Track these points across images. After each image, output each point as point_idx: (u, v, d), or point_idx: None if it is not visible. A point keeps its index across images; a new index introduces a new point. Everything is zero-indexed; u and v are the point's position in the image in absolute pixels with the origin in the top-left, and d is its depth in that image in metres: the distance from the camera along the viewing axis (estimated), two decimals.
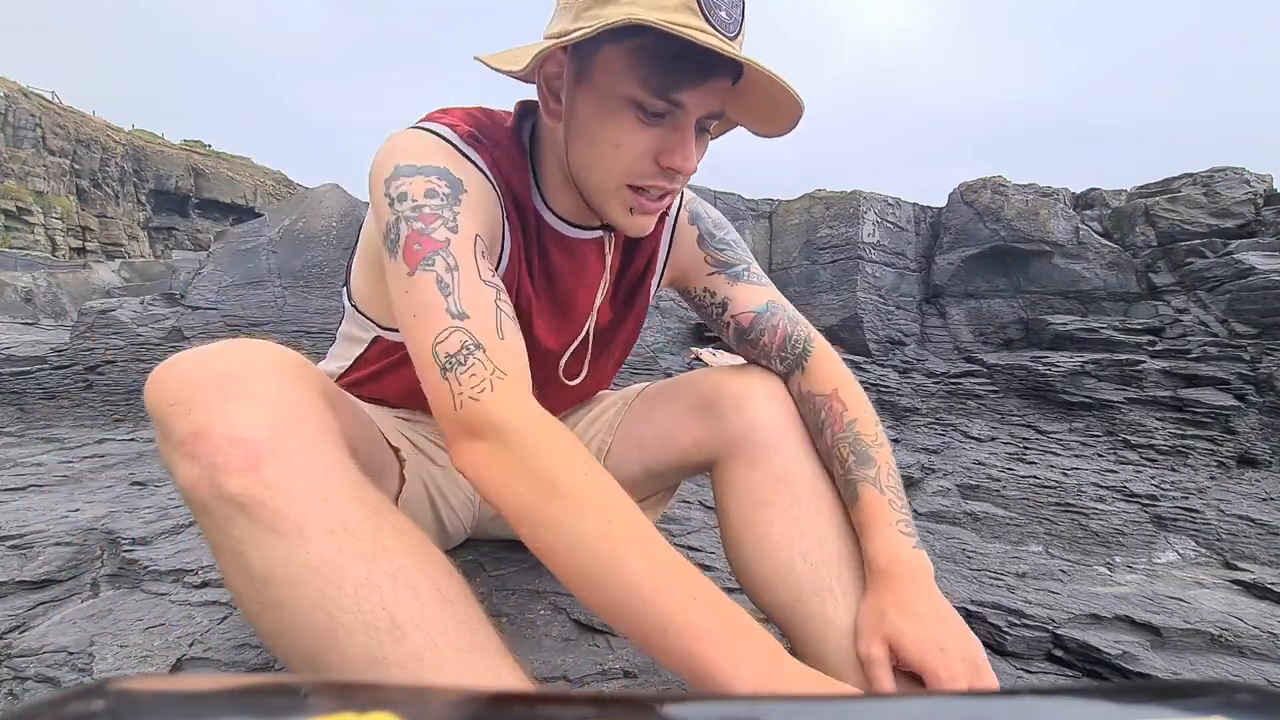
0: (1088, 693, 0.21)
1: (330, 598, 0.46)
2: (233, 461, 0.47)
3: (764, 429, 0.74)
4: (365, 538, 0.49)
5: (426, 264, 0.60)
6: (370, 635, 0.46)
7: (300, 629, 0.47)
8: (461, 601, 0.51)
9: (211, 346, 0.55)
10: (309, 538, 0.47)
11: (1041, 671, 1.10)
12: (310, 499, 0.48)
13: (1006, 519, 1.76)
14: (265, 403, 0.51)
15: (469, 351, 0.58)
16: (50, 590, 1.02)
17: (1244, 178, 4.06)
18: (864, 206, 4.10)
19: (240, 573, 0.49)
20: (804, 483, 0.72)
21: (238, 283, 2.32)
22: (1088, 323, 3.47)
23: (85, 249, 23.11)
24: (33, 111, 24.23)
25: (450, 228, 0.62)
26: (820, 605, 0.66)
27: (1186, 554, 1.68)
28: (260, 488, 0.47)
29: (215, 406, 0.49)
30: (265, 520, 0.47)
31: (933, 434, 2.30)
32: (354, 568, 0.47)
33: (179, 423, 0.49)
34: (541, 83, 0.66)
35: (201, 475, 0.48)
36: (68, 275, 8.86)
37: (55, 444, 1.88)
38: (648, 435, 0.82)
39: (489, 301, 0.61)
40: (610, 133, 0.63)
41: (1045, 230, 4.01)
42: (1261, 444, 2.31)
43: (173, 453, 0.50)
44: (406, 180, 0.63)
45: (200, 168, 30.19)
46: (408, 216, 0.62)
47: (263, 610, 0.49)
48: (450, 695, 0.21)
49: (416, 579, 0.49)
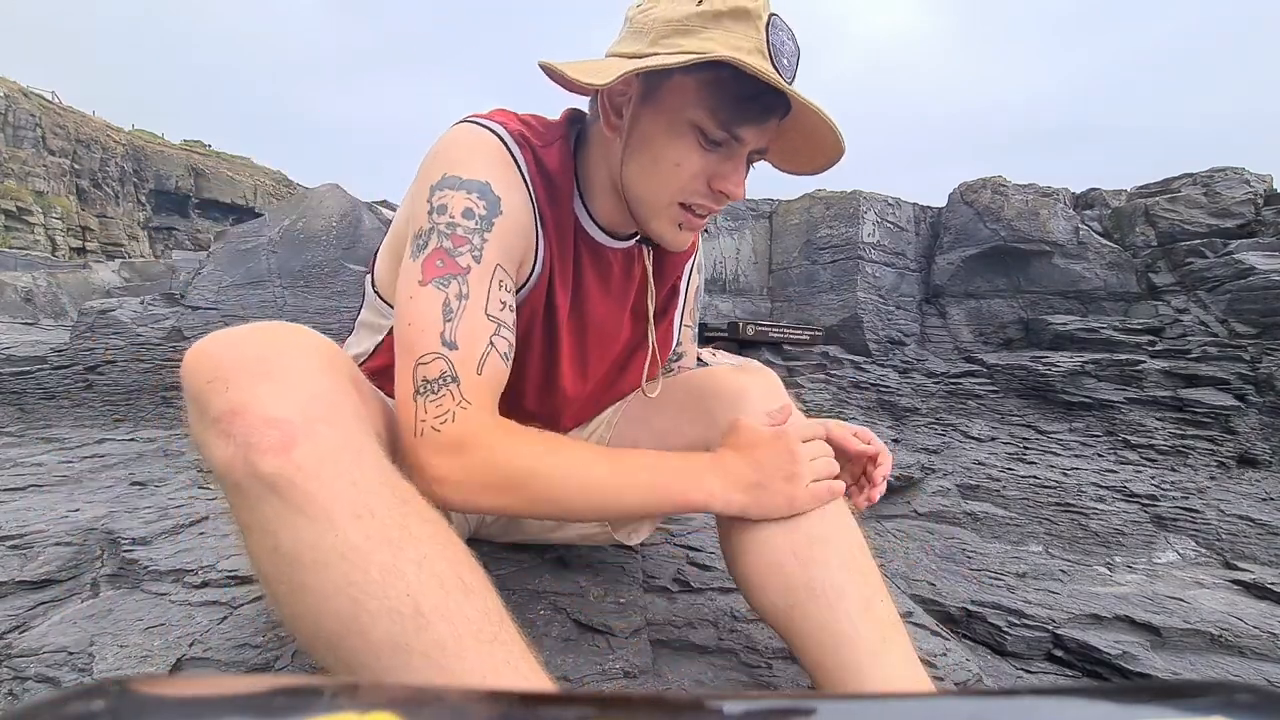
0: (1088, 693, 0.21)
1: (355, 583, 0.47)
2: (267, 441, 0.48)
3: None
4: (392, 524, 0.49)
5: (441, 283, 0.64)
6: (394, 621, 0.46)
7: (324, 613, 0.48)
8: (484, 593, 0.51)
9: (247, 327, 0.55)
10: (336, 522, 0.48)
11: (1041, 671, 1.11)
12: (338, 483, 0.49)
13: (1006, 519, 1.76)
14: (298, 386, 0.51)
15: (444, 383, 0.62)
16: (50, 590, 1.02)
17: (1244, 178, 4.05)
18: (864, 206, 4.10)
19: (269, 553, 0.49)
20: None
21: (238, 283, 2.32)
22: (1088, 323, 3.47)
23: (85, 249, 23.11)
24: (33, 111, 24.24)
25: (475, 256, 0.66)
26: (815, 608, 0.65)
27: (1186, 554, 1.68)
28: (292, 469, 0.48)
29: (251, 386, 0.50)
30: (295, 502, 0.48)
31: (933, 434, 2.30)
32: (380, 553, 0.48)
33: (216, 400, 0.50)
34: (604, 97, 0.70)
35: (237, 453, 0.48)
36: (68, 275, 8.86)
37: (55, 444, 1.88)
38: (643, 437, 0.82)
39: (484, 336, 0.65)
40: (672, 152, 0.68)
41: (1045, 230, 4.01)
42: (1261, 444, 2.32)
43: (207, 429, 0.50)
44: (450, 194, 0.66)
45: (200, 168, 30.19)
46: (441, 231, 0.66)
47: (289, 592, 0.49)
48: (450, 695, 0.21)
49: (441, 567, 0.49)
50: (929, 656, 0.93)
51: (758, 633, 0.91)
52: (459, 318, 0.64)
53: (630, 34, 0.68)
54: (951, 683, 0.89)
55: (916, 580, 1.34)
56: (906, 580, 1.35)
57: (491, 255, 0.67)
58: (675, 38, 0.63)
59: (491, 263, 0.67)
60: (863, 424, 2.30)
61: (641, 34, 0.66)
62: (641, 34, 0.66)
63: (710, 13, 0.63)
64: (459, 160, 0.68)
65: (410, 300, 0.65)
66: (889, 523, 1.66)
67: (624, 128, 0.70)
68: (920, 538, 1.58)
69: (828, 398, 2.27)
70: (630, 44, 0.67)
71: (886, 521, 1.67)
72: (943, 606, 1.25)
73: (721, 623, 0.93)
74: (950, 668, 0.91)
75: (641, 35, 0.66)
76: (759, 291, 4.17)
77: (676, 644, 0.89)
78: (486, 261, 0.66)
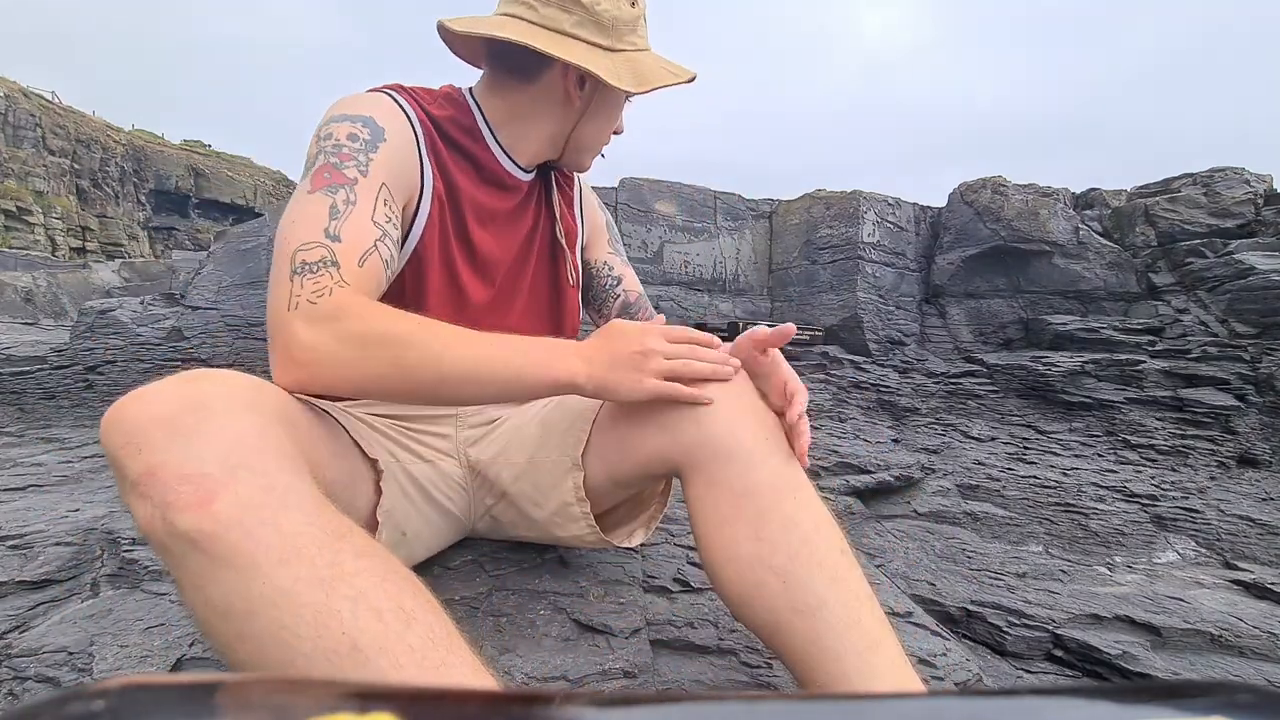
0: (1088, 693, 0.21)
1: (287, 627, 0.47)
2: (183, 498, 0.48)
3: (720, 439, 0.69)
4: (322, 563, 0.49)
5: (329, 190, 0.70)
6: (331, 661, 0.46)
7: (262, 660, 0.48)
8: (428, 618, 0.50)
9: (162, 383, 0.54)
10: (263, 569, 0.47)
11: (1041, 671, 1.11)
12: (262, 530, 0.48)
13: (1006, 519, 1.76)
14: (214, 437, 0.51)
15: (324, 266, 0.66)
16: (50, 590, 1.02)
17: (1244, 178, 4.05)
18: (864, 206, 4.10)
19: (202, 606, 0.49)
20: (766, 492, 0.68)
21: (238, 283, 2.32)
22: (1088, 323, 3.47)
23: (85, 249, 23.10)
24: (33, 111, 24.22)
25: (361, 170, 0.73)
26: (801, 624, 0.64)
27: (1186, 554, 1.68)
28: (211, 523, 0.47)
29: (164, 446, 0.50)
30: (220, 554, 0.47)
31: (933, 434, 2.30)
32: (310, 594, 0.47)
33: (131, 463, 0.50)
34: (571, 75, 0.85)
35: (154, 514, 0.48)
36: (68, 275, 8.85)
37: (55, 444, 1.88)
38: (609, 444, 0.79)
39: (367, 239, 0.70)
40: (614, 115, 0.93)
41: (1045, 230, 4.01)
42: (1261, 444, 2.32)
43: (128, 493, 0.51)
44: (336, 125, 0.75)
45: (200, 168, 30.16)
46: (327, 151, 0.73)
47: (227, 643, 0.49)
48: (450, 695, 0.21)
49: (379, 601, 0.49)
50: (929, 656, 0.93)
51: None
52: (345, 218, 0.69)
53: (587, 22, 0.82)
54: (951, 683, 0.89)
55: (916, 580, 1.34)
56: (906, 580, 1.34)
57: (377, 173, 0.74)
58: (629, 38, 0.85)
59: (377, 180, 0.73)
60: (863, 424, 2.30)
61: (603, 28, 0.83)
62: (603, 28, 0.83)
63: (639, 16, 0.86)
64: (345, 104, 0.79)
65: (296, 204, 0.70)
66: (889, 523, 1.66)
67: (585, 97, 0.87)
68: (920, 538, 1.58)
69: (828, 398, 2.26)
70: (593, 31, 0.82)
71: (886, 521, 1.66)
72: (943, 606, 1.25)
73: (721, 623, 0.93)
74: (950, 668, 0.91)
75: (604, 30, 0.83)
76: (759, 291, 4.17)
77: (676, 644, 0.89)
78: (373, 176, 0.73)
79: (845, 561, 0.68)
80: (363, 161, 0.73)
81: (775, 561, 0.66)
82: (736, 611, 0.71)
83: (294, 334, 0.63)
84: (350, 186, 0.71)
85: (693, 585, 1.02)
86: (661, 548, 1.15)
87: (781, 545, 0.66)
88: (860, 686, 0.61)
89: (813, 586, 0.65)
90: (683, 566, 1.08)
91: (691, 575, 1.05)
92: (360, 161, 0.73)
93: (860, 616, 0.64)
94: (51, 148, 24.38)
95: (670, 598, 0.99)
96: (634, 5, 0.86)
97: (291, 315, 0.64)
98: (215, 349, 2.16)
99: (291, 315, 0.64)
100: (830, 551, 0.67)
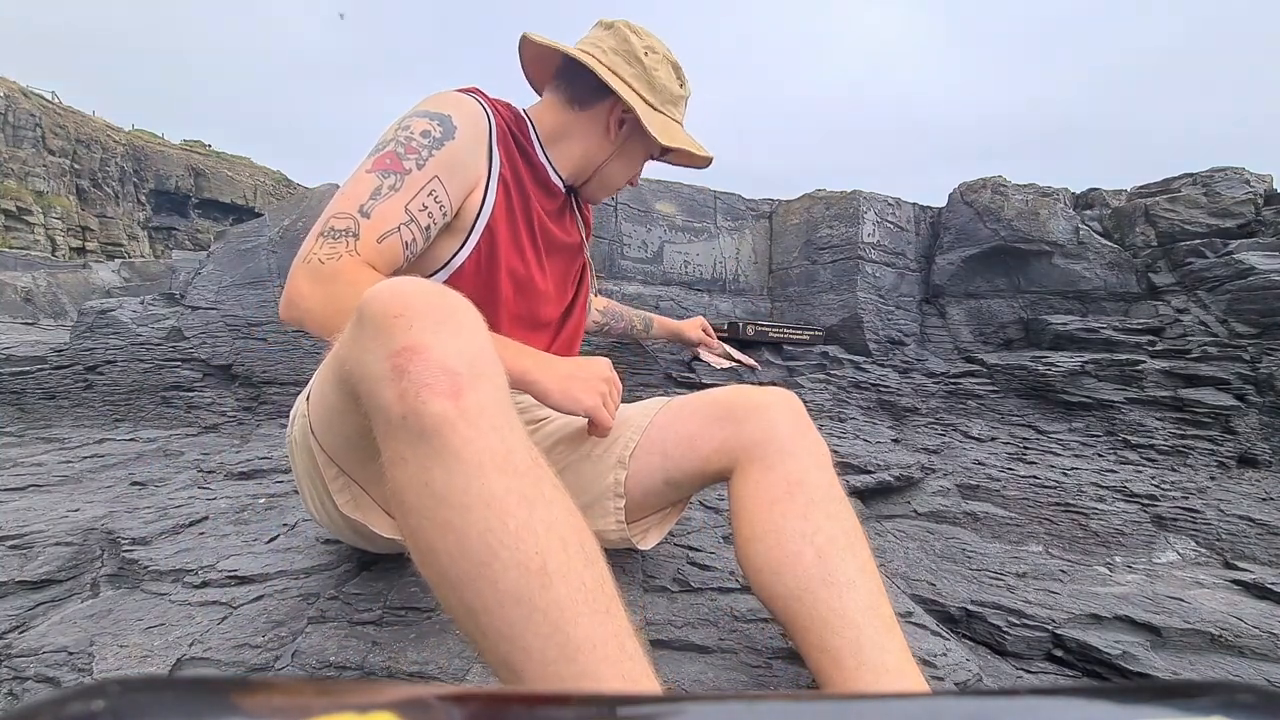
0: (1088, 693, 0.21)
1: (494, 530, 0.50)
2: (440, 385, 0.51)
3: (782, 436, 0.78)
4: (529, 482, 0.52)
5: (382, 174, 0.80)
6: (522, 574, 0.49)
7: (462, 553, 0.50)
8: (600, 566, 0.54)
9: (421, 282, 0.59)
10: (485, 471, 0.51)
11: (1041, 671, 1.11)
12: (492, 436, 0.52)
13: (1006, 519, 1.76)
14: (470, 340, 0.55)
15: (346, 235, 0.76)
16: (50, 590, 1.02)
17: (1244, 178, 4.05)
18: (864, 206, 4.10)
19: (420, 487, 0.51)
20: (819, 488, 0.76)
21: (238, 283, 2.32)
22: (1088, 323, 3.47)
23: (85, 249, 23.09)
24: (33, 111, 24.20)
25: (419, 164, 0.81)
26: (827, 594, 0.69)
27: (1186, 554, 1.68)
28: (457, 415, 0.51)
29: (434, 329, 0.53)
30: (454, 445, 0.50)
31: (933, 434, 2.30)
32: (518, 508, 0.50)
33: (400, 334, 0.53)
34: (616, 111, 1.00)
35: (408, 389, 0.51)
36: (68, 275, 8.84)
37: (55, 444, 1.88)
38: (669, 441, 0.86)
39: (393, 221, 0.78)
40: (637, 163, 1.09)
41: (1045, 230, 4.01)
42: (1261, 444, 2.31)
43: (381, 362, 0.53)
44: (416, 119, 0.85)
45: (200, 168, 30.15)
46: (400, 140, 0.82)
47: (432, 527, 0.51)
48: (450, 695, 0.21)
49: (567, 534, 0.52)
50: (929, 656, 0.92)
51: (758, 633, 0.91)
52: (382, 200, 0.78)
53: (643, 78, 0.98)
54: (951, 683, 0.89)
55: (916, 580, 1.34)
56: (906, 580, 1.34)
57: (432, 168, 0.82)
58: (669, 107, 1.01)
59: (430, 174, 0.82)
60: (863, 424, 2.29)
61: (654, 89, 0.99)
62: (654, 89, 0.99)
63: (684, 97, 1.04)
64: (432, 101, 0.88)
65: (351, 177, 0.80)
66: (889, 523, 1.65)
67: (621, 136, 1.02)
68: (920, 538, 1.58)
69: (828, 398, 2.26)
70: (645, 87, 0.98)
71: (886, 521, 1.66)
72: (943, 606, 1.25)
73: (721, 623, 0.93)
74: (950, 668, 0.91)
75: (654, 90, 0.99)
76: (759, 291, 4.17)
77: (676, 644, 0.89)
78: (426, 170, 0.82)
79: (871, 566, 0.74)
80: (424, 157, 0.82)
81: (817, 540, 0.72)
82: (760, 579, 0.74)
83: (297, 284, 0.74)
84: (401, 175, 0.80)
85: (693, 585, 1.02)
86: (661, 548, 1.15)
87: (824, 529, 0.73)
88: (871, 658, 0.66)
89: (845, 568, 0.71)
90: (683, 566, 1.08)
91: (691, 575, 1.05)
92: (421, 157, 0.82)
93: (881, 606, 0.70)
94: (51, 148, 24.37)
95: (670, 598, 0.99)
96: (682, 86, 1.02)
97: (302, 267, 0.75)
98: (215, 349, 2.15)
99: (302, 267, 0.75)
100: (863, 550, 0.74)
